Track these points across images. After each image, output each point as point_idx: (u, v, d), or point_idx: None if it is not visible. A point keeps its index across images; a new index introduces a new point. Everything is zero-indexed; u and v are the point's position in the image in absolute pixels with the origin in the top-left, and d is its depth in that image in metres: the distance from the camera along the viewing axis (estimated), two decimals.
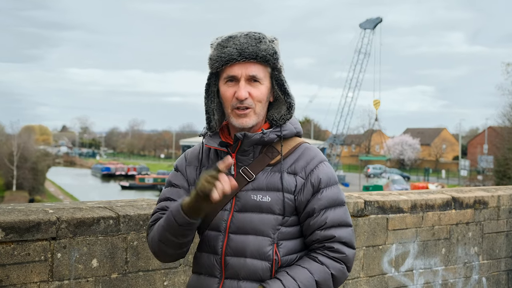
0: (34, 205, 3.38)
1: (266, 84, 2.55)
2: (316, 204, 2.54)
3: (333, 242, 2.53)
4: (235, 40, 2.50)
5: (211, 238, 2.59)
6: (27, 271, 3.12)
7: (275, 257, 2.52)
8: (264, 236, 2.52)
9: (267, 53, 2.50)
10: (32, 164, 65.57)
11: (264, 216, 2.52)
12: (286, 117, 2.60)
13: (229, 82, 2.54)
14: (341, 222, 2.55)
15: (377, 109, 65.19)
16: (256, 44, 2.49)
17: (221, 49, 2.51)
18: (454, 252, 5.16)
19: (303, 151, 2.61)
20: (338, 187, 2.62)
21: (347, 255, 2.54)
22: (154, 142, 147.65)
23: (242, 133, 2.53)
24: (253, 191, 2.54)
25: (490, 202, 5.45)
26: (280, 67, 2.57)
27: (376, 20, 67.29)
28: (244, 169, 2.57)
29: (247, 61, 2.49)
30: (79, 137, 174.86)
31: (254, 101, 2.52)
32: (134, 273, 3.47)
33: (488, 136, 70.94)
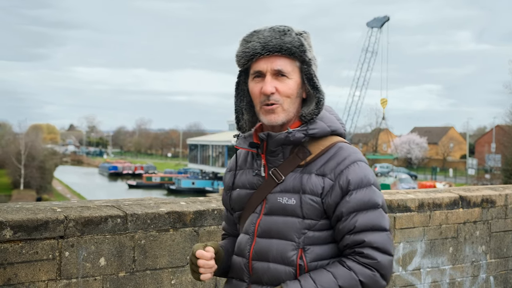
0: (42, 204, 3.39)
1: (295, 79, 2.43)
2: (344, 207, 2.38)
3: (363, 247, 2.35)
4: (259, 34, 2.41)
5: (242, 241, 2.53)
6: (35, 270, 3.13)
7: (300, 262, 2.39)
8: (288, 240, 2.40)
9: (292, 45, 2.38)
10: (40, 163, 65.78)
11: (288, 219, 2.41)
12: (314, 112, 2.44)
13: (256, 78, 2.44)
14: (373, 226, 2.37)
15: (384, 107, 65.14)
16: (280, 36, 2.38)
17: (245, 44, 2.43)
18: (462, 251, 5.15)
19: (336, 151, 2.45)
20: (371, 189, 2.42)
21: (379, 261, 2.34)
22: (161, 141, 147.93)
23: (265, 133, 2.45)
24: (280, 194, 2.44)
25: (498, 201, 5.43)
26: (309, 60, 2.43)
27: (383, 19, 67.21)
28: (274, 171, 2.47)
29: (272, 55, 2.39)
30: (86, 136, 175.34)
31: (282, 97, 2.41)
32: (141, 271, 3.48)
33: (496, 135, 70.72)
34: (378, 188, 2.47)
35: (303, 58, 2.42)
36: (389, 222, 2.45)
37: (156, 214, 3.53)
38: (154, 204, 3.67)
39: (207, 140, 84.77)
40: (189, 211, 3.67)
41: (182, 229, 3.64)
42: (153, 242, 3.51)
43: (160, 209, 3.57)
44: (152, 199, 3.81)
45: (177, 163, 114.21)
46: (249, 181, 2.55)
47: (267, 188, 2.49)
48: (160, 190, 73.65)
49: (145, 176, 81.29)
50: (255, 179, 2.53)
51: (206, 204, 3.83)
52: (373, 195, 2.41)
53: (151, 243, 3.50)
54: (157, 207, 3.61)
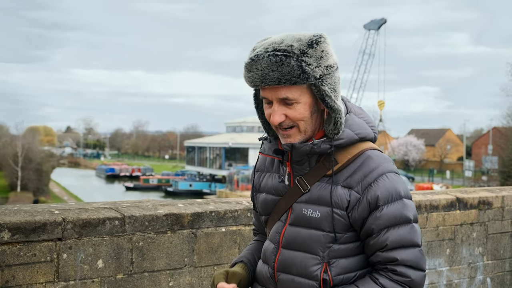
0: (40, 206, 3.39)
1: (305, 101, 2.29)
2: (375, 223, 2.28)
3: (396, 265, 2.27)
4: (258, 64, 2.24)
5: (268, 249, 2.49)
6: (33, 272, 3.13)
7: (325, 276, 2.33)
8: (312, 254, 2.34)
9: (292, 75, 2.21)
10: (37, 165, 65.67)
11: (313, 233, 2.34)
12: (333, 132, 2.32)
13: (266, 103, 2.35)
14: (405, 242, 2.29)
15: (382, 110, 65.19)
16: (277, 68, 2.21)
17: (247, 73, 2.29)
18: (459, 253, 5.16)
19: (364, 161, 2.34)
20: (402, 203, 2.32)
21: (412, 279, 2.27)
22: (159, 143, 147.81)
23: (289, 144, 2.34)
24: (305, 204, 2.37)
25: (495, 202, 5.45)
26: (319, 79, 2.25)
27: (380, 21, 67.33)
28: (300, 179, 2.40)
29: (273, 85, 2.25)
30: (83, 138, 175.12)
31: (294, 121, 2.31)
32: (139, 273, 3.48)
33: (493, 137, 70.78)
34: (410, 199, 2.37)
35: (309, 82, 2.25)
36: (421, 235, 2.39)
37: (154, 216, 3.53)
38: (152, 206, 3.67)
39: (204, 142, 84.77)
40: (187, 213, 3.67)
41: (180, 231, 3.65)
42: (151, 244, 3.51)
43: (158, 211, 3.58)
44: (150, 201, 3.81)
45: (175, 165, 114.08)
46: (275, 187, 2.48)
47: (292, 196, 2.42)
48: (158, 192, 73.60)
49: (142, 178, 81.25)
50: (280, 185, 2.46)
51: (204, 206, 3.84)
52: (403, 209, 2.31)
53: (149, 245, 3.51)
54: (155, 209, 3.61)
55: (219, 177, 76.21)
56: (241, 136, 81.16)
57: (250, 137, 78.49)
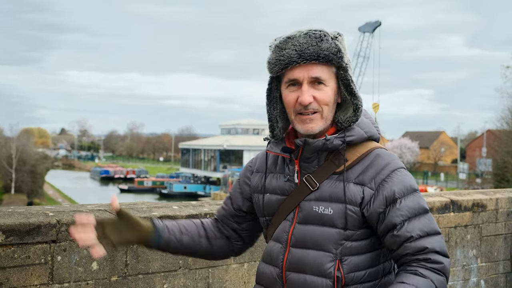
0: (34, 208, 3.38)
1: (332, 85, 2.34)
2: (396, 216, 2.28)
3: (427, 253, 2.27)
4: (294, 40, 2.29)
5: (273, 249, 2.45)
6: (27, 274, 3.12)
7: (338, 274, 2.31)
8: (325, 252, 2.32)
9: (330, 52, 2.28)
10: (31, 167, 65.52)
11: (325, 230, 2.33)
12: (352, 119, 2.36)
13: (291, 86, 2.34)
14: (429, 230, 2.30)
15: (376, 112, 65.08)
16: (317, 43, 2.27)
17: (280, 52, 2.31)
18: (453, 255, 5.17)
19: (374, 159, 2.37)
20: (417, 194, 2.36)
21: (445, 265, 2.28)
22: (153, 145, 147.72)
23: (302, 140, 2.35)
24: (316, 202, 2.36)
25: (489, 205, 5.46)
26: (346, 65, 2.33)
27: (375, 24, 67.42)
28: (308, 177, 2.39)
29: (308, 63, 2.28)
30: (78, 140, 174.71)
31: (320, 105, 2.32)
32: (134, 276, 3.48)
33: (487, 139, 70.96)
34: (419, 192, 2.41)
35: (340, 64, 2.32)
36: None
37: (149, 218, 3.53)
38: (146, 208, 3.67)
39: (199, 144, 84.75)
40: (181, 215, 3.67)
41: None
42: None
43: (153, 213, 3.57)
44: (145, 203, 3.81)
45: (169, 167, 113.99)
46: (280, 187, 2.47)
47: (300, 195, 2.40)
48: (152, 194, 73.57)
49: (136, 181, 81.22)
50: (286, 185, 2.45)
51: (199, 208, 3.84)
52: (420, 200, 2.36)
53: (143, 247, 3.50)
54: (149, 211, 3.61)
55: (213, 179, 76.20)
56: (235, 138, 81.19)
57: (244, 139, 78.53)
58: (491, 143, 60.49)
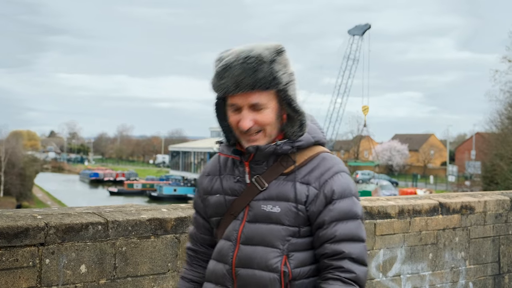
0: (23, 211, 3.37)
1: (273, 106, 2.44)
2: (327, 215, 2.44)
3: (342, 259, 2.42)
4: (231, 71, 2.36)
5: (224, 248, 2.56)
6: (15, 277, 3.11)
7: (284, 269, 2.44)
8: (272, 248, 2.46)
9: (266, 80, 2.37)
10: (20, 169, 65.23)
11: (273, 227, 2.46)
12: (297, 134, 2.49)
13: (233, 109, 2.46)
14: (352, 236, 2.44)
15: (366, 115, 65.38)
16: (252, 73, 2.35)
17: (218, 81, 2.41)
18: (441, 257, 5.19)
19: (320, 162, 2.52)
20: (353, 200, 2.50)
21: (357, 275, 2.41)
22: (143, 147, 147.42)
23: (254, 146, 2.46)
24: (264, 201, 2.49)
25: (477, 207, 5.49)
26: (285, 85, 2.42)
27: (364, 27, 67.58)
28: (257, 178, 2.51)
29: (246, 91, 2.38)
30: (67, 142, 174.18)
31: (262, 126, 2.44)
32: (122, 278, 3.47)
33: (476, 142, 71.23)
34: (358, 199, 2.54)
35: (277, 88, 2.41)
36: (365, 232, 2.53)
37: (137, 221, 3.53)
38: (135, 211, 3.66)
39: (189, 146, 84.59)
40: (170, 218, 3.67)
41: (163, 236, 3.64)
42: (134, 249, 3.51)
43: (141, 216, 3.57)
44: (133, 206, 3.81)
45: (159, 170, 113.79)
46: (231, 187, 2.58)
47: (249, 195, 2.52)
48: (142, 197, 73.36)
49: (126, 183, 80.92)
50: (236, 185, 2.57)
51: (188, 211, 3.84)
52: (354, 206, 2.49)
53: (132, 250, 3.50)
54: (138, 214, 3.61)
55: None
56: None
57: None
58: (480, 145, 60.77)
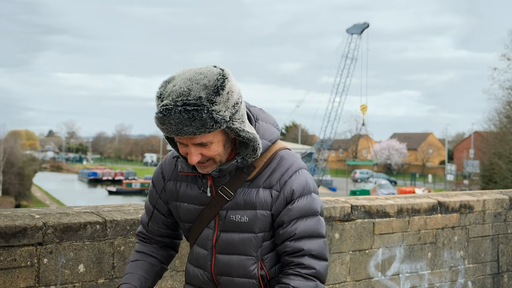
0: (21, 210, 3.37)
1: (218, 139, 2.42)
2: (286, 215, 2.50)
3: (302, 256, 2.49)
4: (170, 118, 2.30)
5: (200, 255, 2.62)
6: (13, 277, 3.10)
7: (262, 273, 2.55)
8: (247, 255, 2.54)
9: (205, 127, 2.31)
10: (18, 169, 65.19)
11: (244, 236, 2.53)
12: (251, 156, 2.49)
13: (180, 143, 2.45)
14: (311, 233, 2.51)
15: (364, 114, 65.48)
16: (191, 123, 2.29)
17: (160, 125, 2.36)
18: (440, 256, 5.19)
19: (279, 161, 2.55)
20: (312, 197, 2.55)
21: (317, 270, 2.50)
22: (142, 147, 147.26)
23: (216, 170, 2.49)
24: (232, 211, 2.53)
25: (476, 206, 5.49)
26: (228, 121, 2.36)
27: (363, 26, 67.59)
28: (223, 188, 2.53)
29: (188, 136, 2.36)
30: (65, 142, 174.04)
31: (210, 157, 2.45)
32: (121, 278, 3.46)
33: (474, 141, 71.31)
34: (317, 194, 2.60)
35: (221, 128, 2.36)
36: (325, 227, 2.61)
37: (136, 221, 3.52)
38: (133, 210, 3.66)
39: None
40: None
41: None
42: (132, 248, 3.50)
43: (140, 215, 3.56)
44: (132, 205, 3.80)
45: None
46: (197, 197, 2.60)
47: (217, 204, 2.56)
48: (140, 196, 73.26)
49: (125, 182, 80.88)
50: (203, 195, 2.58)
51: None
52: (312, 202, 2.54)
53: (130, 249, 3.49)
54: (136, 213, 3.60)
55: None
56: None
57: None
58: (479, 144, 60.77)
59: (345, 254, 4.51)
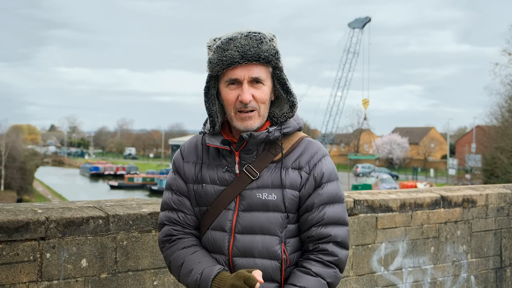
0: (23, 205, 3.36)
1: (269, 84, 2.51)
2: (317, 199, 2.52)
3: (327, 243, 2.49)
4: (236, 42, 2.42)
5: (217, 238, 2.55)
6: (16, 271, 3.10)
7: (284, 256, 2.51)
8: (272, 235, 2.50)
9: (270, 53, 2.45)
10: (20, 163, 65.23)
11: (271, 215, 2.50)
12: (288, 115, 2.56)
13: (231, 85, 2.48)
14: (338, 219, 2.53)
15: (366, 108, 65.48)
16: (258, 45, 2.43)
17: (222, 52, 2.43)
18: (443, 251, 5.18)
19: (307, 145, 2.59)
20: (338, 183, 2.59)
21: (339, 258, 2.51)
22: (143, 141, 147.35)
23: (248, 133, 2.48)
24: (258, 189, 2.51)
25: (479, 200, 5.48)
26: (281, 65, 2.52)
27: (365, 20, 67.53)
28: (248, 167, 2.53)
29: (249, 63, 2.44)
30: (67, 136, 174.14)
31: (258, 103, 2.48)
32: (123, 273, 3.46)
33: (476, 135, 71.23)
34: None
35: (277, 65, 2.50)
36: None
37: (138, 215, 3.51)
38: (136, 205, 3.65)
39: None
40: None
41: None
42: (135, 243, 3.50)
43: (142, 210, 3.56)
44: (134, 200, 3.80)
45: (159, 164, 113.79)
46: (220, 178, 2.57)
47: (241, 184, 2.53)
48: (142, 190, 73.35)
49: (127, 177, 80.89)
50: (226, 175, 2.56)
51: None
52: (339, 189, 2.59)
53: (133, 244, 3.49)
54: (139, 208, 3.59)
55: None
56: None
57: None
58: (481, 139, 60.77)
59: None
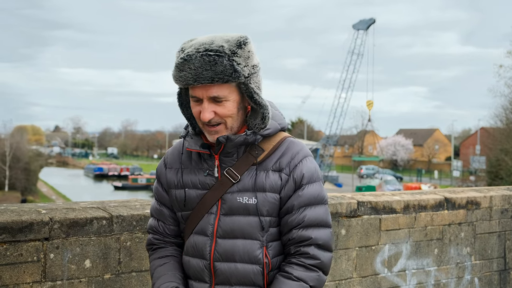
0: (27, 206, 3.37)
1: (233, 98, 2.44)
2: (296, 201, 2.48)
3: (309, 246, 2.46)
4: (190, 63, 2.36)
5: (199, 242, 2.54)
6: (20, 272, 3.11)
7: (265, 260, 2.48)
8: (253, 239, 2.48)
9: (225, 74, 2.35)
10: (25, 164, 65.32)
11: (251, 219, 2.47)
12: (259, 126, 2.49)
13: (194, 101, 2.46)
14: (319, 222, 2.49)
15: (370, 109, 65.33)
16: (211, 67, 2.34)
17: (178, 72, 2.40)
18: (447, 253, 5.17)
19: (288, 146, 2.54)
20: (320, 184, 2.54)
21: (322, 261, 2.47)
22: (147, 142, 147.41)
23: (224, 136, 2.45)
24: (239, 193, 2.48)
25: (483, 202, 5.47)
26: (246, 78, 2.41)
27: (369, 21, 67.40)
28: (229, 170, 2.50)
29: (205, 84, 2.38)
30: (71, 137, 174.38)
31: (223, 118, 2.44)
32: (127, 273, 3.47)
33: (481, 137, 71.15)
34: (323, 183, 2.59)
35: (239, 81, 2.39)
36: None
37: (142, 216, 3.52)
38: (139, 205, 3.65)
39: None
40: None
41: None
42: (138, 244, 3.50)
43: (146, 211, 3.56)
44: (138, 201, 3.80)
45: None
46: (201, 181, 2.56)
47: (221, 188, 2.51)
48: (146, 191, 73.38)
49: (131, 178, 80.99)
50: (207, 179, 2.55)
51: None
52: (321, 190, 2.53)
53: (136, 245, 3.49)
54: (142, 208, 3.60)
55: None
56: None
57: None
58: (485, 140, 60.64)
59: (352, 250, 4.50)
